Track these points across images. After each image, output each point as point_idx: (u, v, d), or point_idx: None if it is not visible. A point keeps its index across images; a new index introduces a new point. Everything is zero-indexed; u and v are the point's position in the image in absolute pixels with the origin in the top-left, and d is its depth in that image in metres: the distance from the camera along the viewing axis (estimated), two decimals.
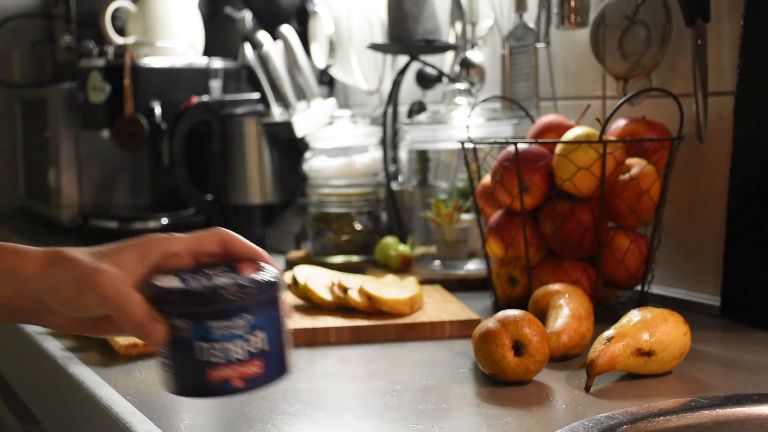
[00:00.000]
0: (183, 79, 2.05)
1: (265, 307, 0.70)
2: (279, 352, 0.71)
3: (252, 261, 0.74)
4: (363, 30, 1.92)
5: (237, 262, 0.74)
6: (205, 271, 0.72)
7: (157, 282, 0.70)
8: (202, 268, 0.73)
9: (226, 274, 0.71)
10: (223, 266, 0.73)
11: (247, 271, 0.71)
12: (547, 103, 1.52)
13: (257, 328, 0.69)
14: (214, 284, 0.69)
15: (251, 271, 0.71)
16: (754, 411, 0.82)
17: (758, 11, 1.16)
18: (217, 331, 0.68)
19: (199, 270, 0.72)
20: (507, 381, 0.94)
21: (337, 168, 1.68)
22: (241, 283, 0.69)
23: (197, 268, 0.73)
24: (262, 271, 0.71)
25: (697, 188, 1.29)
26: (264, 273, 0.71)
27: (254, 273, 0.71)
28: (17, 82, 2.46)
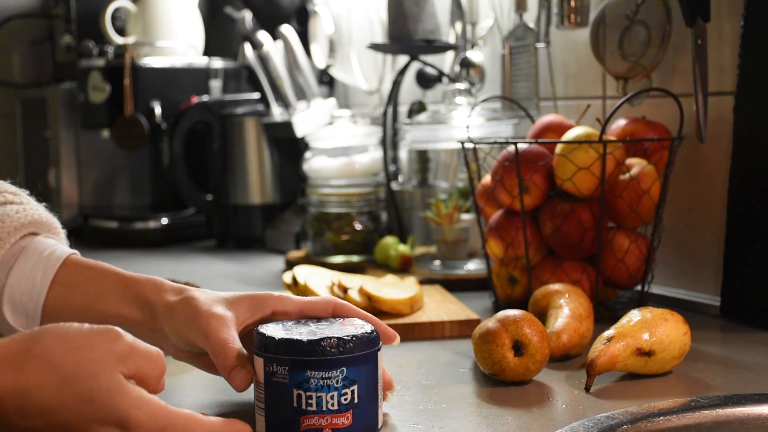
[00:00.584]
0: (183, 79, 2.05)
1: (362, 362, 0.74)
2: (370, 407, 0.76)
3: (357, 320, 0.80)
4: (363, 30, 1.92)
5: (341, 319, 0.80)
6: (309, 323, 0.78)
7: (263, 329, 0.75)
8: (307, 320, 0.79)
9: (328, 328, 0.76)
10: (327, 320, 0.79)
11: (348, 327, 0.76)
12: (547, 103, 1.52)
13: (352, 382, 0.74)
14: (316, 336, 0.73)
15: (353, 327, 0.76)
16: (754, 411, 0.82)
17: (758, 11, 1.16)
18: (314, 381, 0.73)
19: (304, 321, 0.78)
20: (507, 381, 0.94)
21: (337, 168, 1.68)
22: (342, 337, 0.73)
23: (305, 323, 0.79)
24: (363, 329, 0.76)
25: (697, 188, 1.29)
26: (364, 330, 0.76)
27: (355, 329, 0.76)
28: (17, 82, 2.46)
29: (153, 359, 0.68)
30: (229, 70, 2.13)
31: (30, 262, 0.82)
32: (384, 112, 1.71)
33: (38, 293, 0.81)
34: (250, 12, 2.05)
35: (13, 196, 0.85)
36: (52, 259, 0.82)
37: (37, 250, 0.83)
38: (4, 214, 0.82)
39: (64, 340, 0.64)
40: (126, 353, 0.66)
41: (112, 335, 0.66)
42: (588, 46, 1.37)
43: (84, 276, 0.82)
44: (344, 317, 0.81)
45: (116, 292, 0.81)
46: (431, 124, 1.52)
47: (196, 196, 1.99)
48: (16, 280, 0.81)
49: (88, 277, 0.82)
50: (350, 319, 0.80)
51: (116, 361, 0.65)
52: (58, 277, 0.82)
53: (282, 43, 1.97)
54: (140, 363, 0.67)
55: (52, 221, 0.87)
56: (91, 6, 2.14)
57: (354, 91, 2.09)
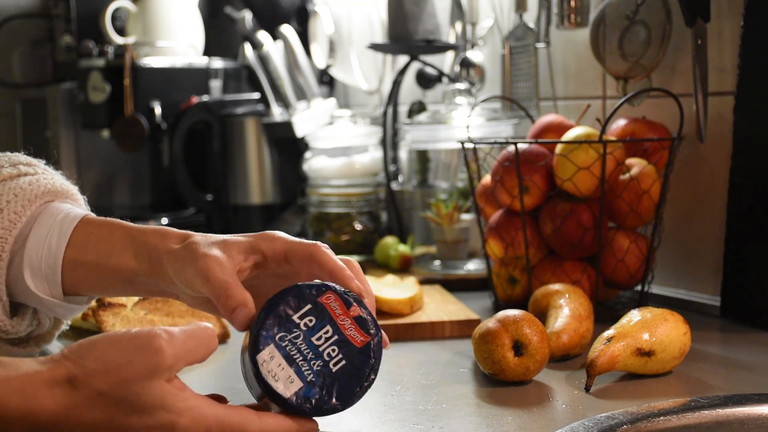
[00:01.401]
0: (183, 79, 2.05)
1: None
2: None
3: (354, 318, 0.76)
4: (363, 30, 1.92)
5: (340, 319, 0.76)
6: (309, 345, 0.73)
7: (285, 393, 0.72)
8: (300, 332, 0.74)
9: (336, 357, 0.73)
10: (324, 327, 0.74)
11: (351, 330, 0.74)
12: (547, 103, 1.52)
13: None
14: (344, 389, 0.73)
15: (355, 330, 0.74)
16: (754, 411, 0.82)
17: (758, 11, 1.16)
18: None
19: (306, 340, 0.73)
20: (507, 381, 0.93)
21: (337, 168, 1.68)
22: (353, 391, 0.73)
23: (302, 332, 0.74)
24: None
25: (697, 188, 1.29)
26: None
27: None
28: (17, 82, 2.46)
29: (200, 348, 0.69)
30: (229, 70, 2.13)
31: (45, 228, 0.83)
32: (384, 112, 1.71)
33: (55, 257, 0.82)
34: (250, 12, 2.05)
35: (27, 167, 0.86)
36: (65, 223, 0.83)
37: (51, 215, 0.83)
38: (17, 187, 0.83)
39: (104, 363, 0.65)
40: (170, 364, 0.66)
41: (153, 349, 0.66)
42: (588, 46, 1.37)
43: (95, 235, 0.83)
44: (318, 265, 0.79)
45: (124, 247, 0.82)
46: (431, 124, 1.52)
47: (196, 196, 1.99)
48: (33, 247, 0.82)
49: (98, 235, 0.83)
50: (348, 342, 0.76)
51: (160, 374, 0.66)
52: (73, 239, 0.83)
53: (282, 43, 1.97)
54: (189, 359, 0.68)
55: (67, 188, 0.88)
56: (91, 6, 2.14)
57: (354, 91, 2.09)
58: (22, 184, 0.84)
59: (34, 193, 0.83)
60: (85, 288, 0.84)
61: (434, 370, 1.00)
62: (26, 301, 0.84)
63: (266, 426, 0.70)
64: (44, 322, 0.88)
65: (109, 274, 0.82)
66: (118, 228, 0.83)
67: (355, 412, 0.88)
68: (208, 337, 0.69)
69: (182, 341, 0.67)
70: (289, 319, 0.73)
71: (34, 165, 0.87)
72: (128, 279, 0.82)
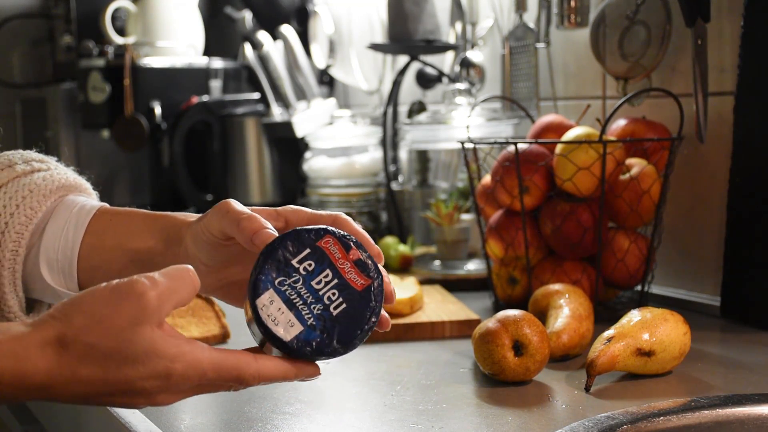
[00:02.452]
0: (183, 79, 2.05)
1: None
2: None
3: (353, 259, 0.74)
4: (363, 30, 1.92)
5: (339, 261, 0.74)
6: (309, 288, 0.72)
7: (285, 336, 0.71)
8: (300, 276, 0.73)
9: (337, 300, 0.72)
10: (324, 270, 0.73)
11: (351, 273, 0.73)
12: (547, 103, 1.52)
13: None
14: (349, 330, 0.72)
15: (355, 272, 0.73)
16: (754, 411, 0.82)
17: (758, 11, 1.16)
18: None
19: (306, 284, 0.72)
20: (507, 381, 0.93)
21: (337, 168, 1.68)
22: (360, 329, 0.72)
23: (302, 277, 0.73)
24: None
25: (697, 188, 1.29)
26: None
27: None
28: (17, 82, 2.46)
29: (183, 287, 0.68)
30: (229, 70, 2.13)
31: (61, 220, 0.83)
32: (384, 112, 1.71)
33: (71, 249, 0.82)
34: (250, 12, 2.05)
35: (40, 164, 0.86)
36: (82, 214, 0.83)
37: (67, 208, 0.84)
38: (32, 183, 0.83)
39: (91, 316, 0.65)
40: (155, 306, 0.66)
41: (136, 294, 0.65)
42: (588, 46, 1.37)
43: (113, 221, 0.83)
44: (341, 229, 0.76)
45: (143, 229, 0.82)
46: (431, 124, 1.52)
47: (196, 196, 1.99)
48: (50, 240, 0.82)
49: (116, 221, 0.83)
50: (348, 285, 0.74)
51: (147, 318, 0.65)
52: (90, 228, 0.83)
53: (282, 43, 1.97)
54: (174, 300, 0.67)
55: (81, 183, 0.88)
56: (91, 6, 2.14)
57: (354, 91, 2.09)
58: (37, 179, 0.84)
59: (49, 188, 0.84)
60: (99, 277, 0.83)
61: (434, 370, 1.00)
62: (42, 295, 0.84)
63: (263, 369, 0.69)
64: None
65: (124, 259, 0.82)
66: (137, 214, 0.84)
67: (355, 412, 0.88)
68: (189, 276, 0.69)
69: (164, 282, 0.67)
70: (288, 263, 0.72)
71: (47, 161, 0.88)
72: (143, 261, 0.82)
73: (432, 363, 1.03)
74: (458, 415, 0.84)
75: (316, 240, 0.73)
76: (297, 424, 0.83)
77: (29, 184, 0.83)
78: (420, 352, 1.08)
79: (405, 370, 1.00)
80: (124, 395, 0.66)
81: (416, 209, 1.64)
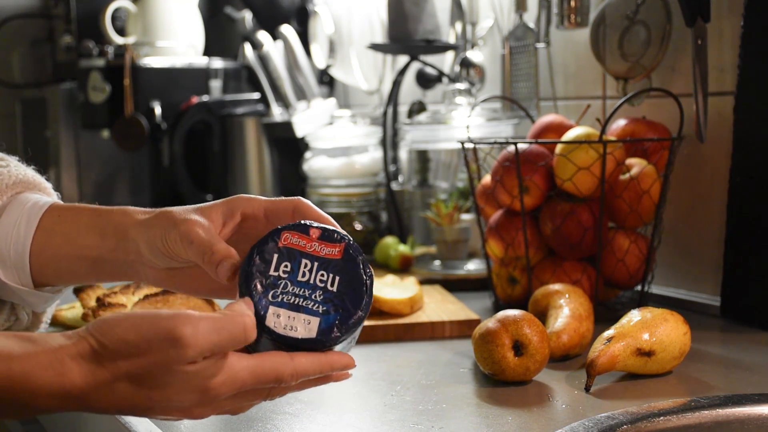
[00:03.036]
0: (183, 79, 2.05)
1: None
2: None
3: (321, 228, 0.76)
4: (363, 30, 1.92)
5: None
6: (301, 284, 0.73)
7: (299, 334, 0.71)
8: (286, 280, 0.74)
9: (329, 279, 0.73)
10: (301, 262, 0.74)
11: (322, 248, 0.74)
12: (547, 103, 1.52)
13: None
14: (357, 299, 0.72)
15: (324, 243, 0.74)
16: (754, 411, 0.82)
17: (758, 11, 1.16)
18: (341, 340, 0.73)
19: (295, 282, 0.73)
20: (507, 381, 0.93)
21: (337, 168, 1.68)
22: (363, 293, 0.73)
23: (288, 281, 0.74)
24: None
25: (697, 188, 1.29)
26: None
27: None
28: (17, 82, 2.46)
29: (225, 345, 0.66)
30: (229, 70, 2.13)
31: (14, 216, 0.83)
32: (384, 112, 1.71)
33: (23, 244, 0.82)
34: (250, 12, 2.05)
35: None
36: (34, 210, 0.83)
37: (20, 205, 0.84)
38: None
39: (124, 345, 0.65)
40: (190, 357, 0.65)
41: (173, 339, 0.64)
42: (588, 46, 1.37)
43: (62, 218, 0.83)
44: (306, 217, 0.78)
45: (89, 227, 0.82)
46: (431, 124, 1.52)
47: (196, 196, 1.99)
48: (2, 235, 0.82)
49: (65, 218, 0.83)
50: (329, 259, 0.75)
51: (180, 361, 0.65)
52: (41, 225, 0.83)
53: (282, 43, 1.97)
54: (212, 350, 0.66)
55: (39, 181, 0.88)
56: (91, 6, 2.14)
57: (354, 91, 2.09)
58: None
59: (5, 182, 0.84)
60: (51, 275, 0.83)
61: (434, 370, 1.00)
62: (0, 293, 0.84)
63: (299, 366, 0.69)
64: (22, 318, 0.88)
65: (73, 256, 0.82)
66: (84, 210, 0.83)
67: (355, 412, 0.88)
68: (239, 331, 0.67)
69: (208, 335, 0.65)
70: (268, 276, 0.73)
71: (6, 159, 0.88)
72: (92, 259, 0.81)
73: (432, 363, 1.03)
74: (458, 415, 0.84)
75: (276, 243, 0.74)
76: (297, 424, 0.83)
77: None
78: (420, 352, 1.08)
79: (405, 370, 1.00)
80: (162, 410, 0.67)
81: (416, 209, 1.64)
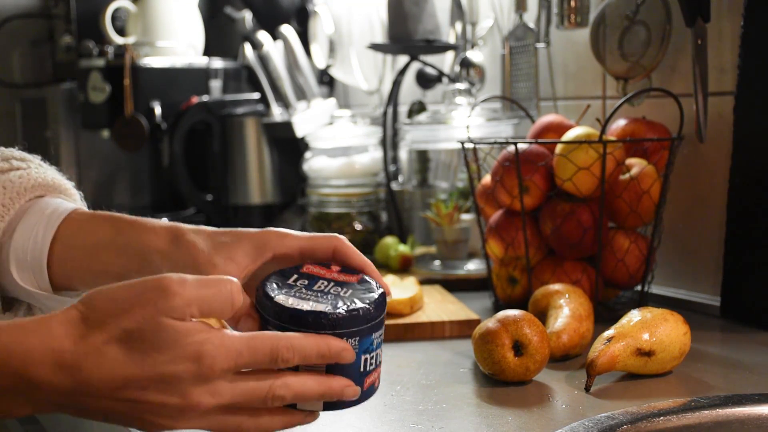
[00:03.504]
0: (183, 79, 2.05)
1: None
2: None
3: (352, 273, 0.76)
4: (363, 30, 1.92)
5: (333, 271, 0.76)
6: (315, 290, 0.73)
7: (304, 307, 0.70)
8: (302, 286, 0.73)
9: (347, 293, 0.73)
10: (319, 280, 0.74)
11: (357, 291, 0.74)
12: (547, 103, 1.52)
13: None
14: (362, 303, 0.71)
15: (361, 291, 0.74)
16: (754, 411, 0.82)
17: (758, 11, 1.16)
18: (375, 342, 0.73)
19: (309, 288, 0.73)
20: (507, 381, 0.94)
21: (337, 168, 1.68)
22: (375, 300, 0.72)
23: (303, 287, 0.73)
24: (371, 291, 0.74)
25: (697, 188, 1.29)
26: (377, 291, 0.74)
27: (365, 292, 0.73)
28: (17, 82, 2.46)
29: (215, 299, 0.65)
30: (229, 70, 2.13)
31: (33, 221, 0.82)
32: (384, 112, 1.71)
33: (40, 251, 0.81)
34: (250, 12, 2.05)
35: (20, 162, 0.86)
36: (53, 217, 0.82)
37: (40, 209, 0.83)
38: (7, 181, 0.83)
39: (114, 302, 0.64)
40: (180, 305, 0.64)
41: (162, 287, 0.64)
42: (588, 46, 1.37)
43: (81, 229, 0.82)
44: (346, 260, 0.77)
45: (110, 243, 0.80)
46: (431, 124, 1.52)
47: (196, 196, 1.99)
48: (20, 239, 0.81)
49: (84, 230, 0.82)
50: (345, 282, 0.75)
51: (170, 312, 0.64)
52: (59, 233, 0.82)
53: (282, 43, 1.97)
54: (201, 307, 0.65)
55: (61, 183, 0.87)
56: (91, 6, 2.14)
57: (354, 91, 2.09)
58: (12, 177, 0.83)
59: (24, 186, 0.83)
60: (76, 283, 0.83)
61: (434, 370, 1.00)
62: (16, 294, 0.83)
63: (295, 340, 0.67)
64: None
65: (98, 271, 0.81)
66: (105, 222, 0.82)
67: (355, 411, 0.88)
68: (227, 290, 0.66)
69: (194, 286, 0.64)
70: (285, 283, 0.72)
71: (28, 160, 0.87)
72: (118, 275, 0.80)
73: (432, 363, 1.03)
74: (458, 415, 0.84)
75: (298, 269, 0.74)
76: None
77: (4, 182, 0.82)
78: (420, 352, 1.08)
79: (405, 370, 1.00)
80: (157, 389, 0.64)
81: (416, 209, 1.64)
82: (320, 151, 1.72)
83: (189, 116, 1.96)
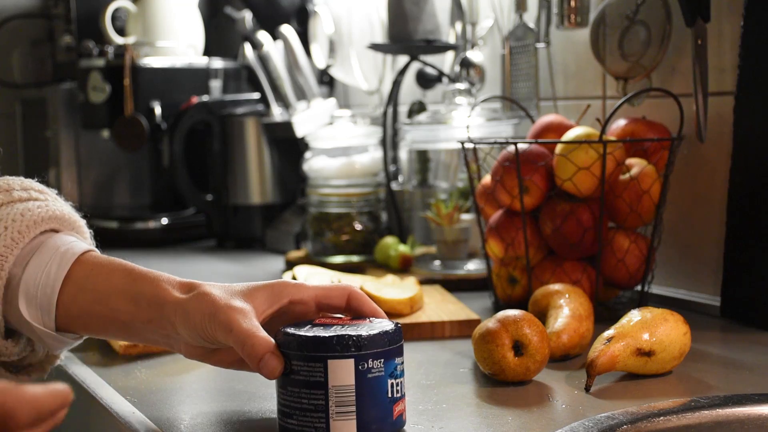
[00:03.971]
0: (183, 79, 2.05)
1: None
2: None
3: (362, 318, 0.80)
4: (363, 30, 1.92)
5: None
6: (333, 326, 0.77)
7: (327, 334, 0.74)
8: (320, 326, 0.78)
9: (359, 325, 0.77)
10: (333, 325, 0.78)
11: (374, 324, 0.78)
12: (547, 103, 1.52)
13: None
14: (382, 328, 0.76)
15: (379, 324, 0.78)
16: (754, 411, 0.82)
17: (758, 11, 1.16)
18: (399, 367, 0.76)
19: (327, 327, 0.77)
20: (507, 381, 0.93)
21: (337, 168, 1.68)
22: (396, 326, 0.77)
23: (321, 326, 0.77)
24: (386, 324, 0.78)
25: (697, 188, 1.29)
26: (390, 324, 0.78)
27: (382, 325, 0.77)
28: (17, 82, 2.46)
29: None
30: (229, 70, 2.13)
31: (46, 257, 0.82)
32: (384, 112, 1.71)
33: (51, 288, 0.81)
34: (250, 12, 2.05)
35: (38, 194, 0.86)
36: (67, 256, 0.82)
37: (54, 245, 0.83)
38: (25, 209, 0.83)
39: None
40: None
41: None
42: (588, 46, 1.37)
43: (94, 273, 0.82)
44: (359, 307, 0.81)
45: (121, 291, 0.81)
46: (431, 124, 1.52)
47: (196, 196, 1.99)
48: (32, 275, 0.81)
49: (97, 273, 0.82)
50: (359, 323, 0.79)
51: None
52: (71, 274, 0.82)
53: (282, 43, 1.97)
54: None
55: (74, 219, 0.87)
56: (91, 6, 2.14)
57: (354, 91, 2.09)
58: (31, 206, 0.83)
59: (41, 216, 0.83)
60: (79, 327, 0.83)
61: (434, 370, 1.00)
62: (18, 327, 0.83)
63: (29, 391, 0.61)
64: (38, 350, 0.87)
65: (105, 317, 0.82)
66: (117, 270, 0.83)
67: None
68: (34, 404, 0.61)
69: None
70: (303, 327, 0.77)
71: (46, 193, 0.87)
72: (125, 323, 0.81)
73: (432, 363, 1.03)
74: (458, 415, 0.84)
75: (312, 321, 0.79)
76: None
77: (22, 210, 0.82)
78: (420, 352, 1.08)
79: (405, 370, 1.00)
80: None
81: (416, 209, 1.64)
82: (320, 151, 1.72)
83: (189, 116, 1.96)
